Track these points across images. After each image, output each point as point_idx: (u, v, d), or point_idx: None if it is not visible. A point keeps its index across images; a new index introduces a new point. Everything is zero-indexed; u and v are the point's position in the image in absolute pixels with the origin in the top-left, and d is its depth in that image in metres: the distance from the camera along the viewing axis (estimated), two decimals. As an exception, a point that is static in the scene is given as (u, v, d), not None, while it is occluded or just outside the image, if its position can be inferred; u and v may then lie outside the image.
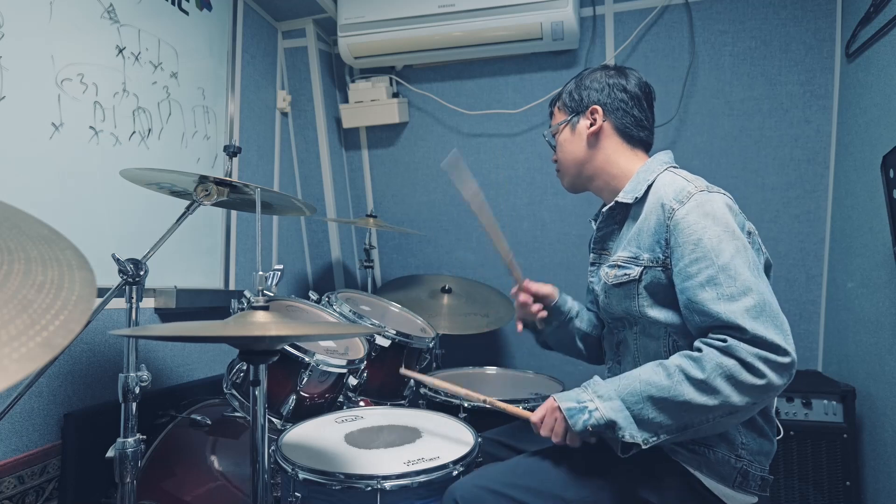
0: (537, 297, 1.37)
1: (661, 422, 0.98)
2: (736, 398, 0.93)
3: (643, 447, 0.99)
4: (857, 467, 1.78)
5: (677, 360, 0.99)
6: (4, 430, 1.34)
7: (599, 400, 1.02)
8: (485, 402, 1.22)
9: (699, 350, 0.98)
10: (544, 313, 1.37)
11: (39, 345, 0.41)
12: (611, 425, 1.00)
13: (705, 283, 1.00)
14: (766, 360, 0.93)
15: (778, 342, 0.93)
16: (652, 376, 1.00)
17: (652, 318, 1.11)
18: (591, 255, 1.33)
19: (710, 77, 2.29)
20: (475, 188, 1.29)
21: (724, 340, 0.95)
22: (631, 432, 0.99)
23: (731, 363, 0.94)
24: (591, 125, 1.23)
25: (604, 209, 1.25)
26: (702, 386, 0.95)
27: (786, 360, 0.93)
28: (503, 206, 2.60)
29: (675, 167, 1.19)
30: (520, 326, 1.41)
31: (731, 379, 0.93)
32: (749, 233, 1.08)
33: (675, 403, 0.97)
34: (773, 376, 0.93)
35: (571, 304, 1.42)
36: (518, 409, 1.17)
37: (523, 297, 1.36)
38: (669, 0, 2.29)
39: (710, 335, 0.99)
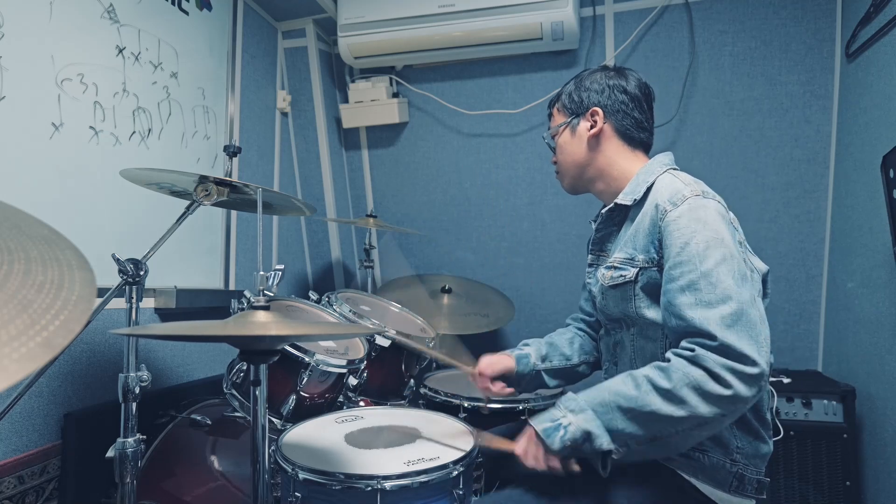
0: (498, 377, 1.37)
1: (631, 432, 0.97)
2: (703, 409, 0.92)
3: (615, 457, 0.98)
4: (857, 467, 1.78)
5: (647, 370, 0.99)
6: (4, 430, 1.34)
7: (572, 414, 1.01)
8: (479, 441, 1.20)
9: (668, 360, 0.98)
10: (509, 389, 1.36)
11: (39, 345, 0.41)
12: (587, 435, 0.98)
13: (685, 288, 0.99)
14: (732, 371, 0.91)
15: (747, 352, 0.91)
16: (621, 387, 0.99)
17: (649, 319, 1.10)
18: (590, 256, 1.32)
19: (710, 77, 2.29)
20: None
21: (692, 350, 0.95)
22: (605, 441, 0.98)
23: (697, 373, 0.93)
24: (592, 127, 1.23)
25: (603, 210, 1.25)
26: (668, 396, 0.94)
27: (754, 370, 0.91)
28: (503, 206, 2.60)
29: (675, 169, 1.18)
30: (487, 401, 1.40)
31: (698, 389, 0.92)
32: (739, 242, 1.06)
33: (643, 413, 0.96)
34: (740, 387, 0.91)
35: (535, 356, 1.39)
36: (505, 443, 1.13)
37: (482, 382, 1.35)
38: (669, 0, 2.29)
39: (682, 343, 0.98)
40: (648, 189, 1.14)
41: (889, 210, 1.56)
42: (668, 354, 0.99)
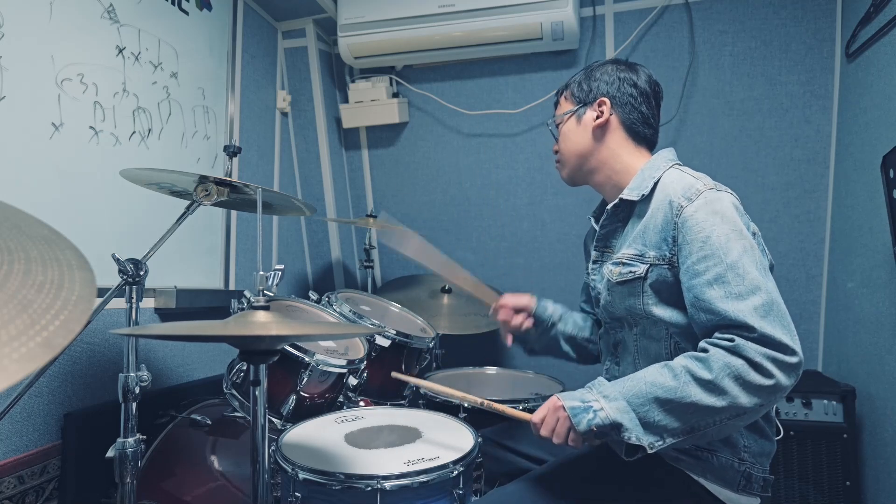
0: (517, 310, 1.38)
1: (668, 424, 0.96)
2: (744, 399, 0.92)
3: (648, 451, 0.97)
4: (857, 467, 1.78)
5: (683, 360, 0.98)
6: (4, 430, 1.34)
7: (605, 400, 0.99)
8: (481, 404, 1.19)
9: (705, 350, 0.97)
10: (530, 322, 1.36)
11: (39, 345, 0.41)
12: (616, 426, 0.97)
13: (713, 281, 0.98)
14: (774, 360, 0.91)
15: (786, 342, 0.92)
16: (658, 377, 0.98)
17: (656, 316, 1.10)
18: (594, 252, 1.30)
19: (710, 77, 2.29)
20: (415, 241, 1.29)
21: (732, 340, 0.94)
22: (637, 434, 0.96)
23: (738, 363, 0.92)
24: (598, 117, 1.22)
25: (608, 206, 1.23)
26: (709, 387, 0.93)
27: (794, 359, 0.92)
28: (503, 206, 2.60)
29: (679, 164, 1.18)
30: (509, 340, 1.40)
31: (739, 379, 0.92)
32: (754, 233, 1.07)
33: (682, 405, 0.94)
34: (781, 376, 0.91)
35: (553, 310, 1.41)
36: (516, 411, 1.14)
37: (504, 313, 1.36)
38: (669, 0, 2.29)
39: (717, 335, 0.97)
40: (655, 184, 1.13)
41: (889, 210, 1.56)
42: (704, 345, 0.98)
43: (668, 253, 1.07)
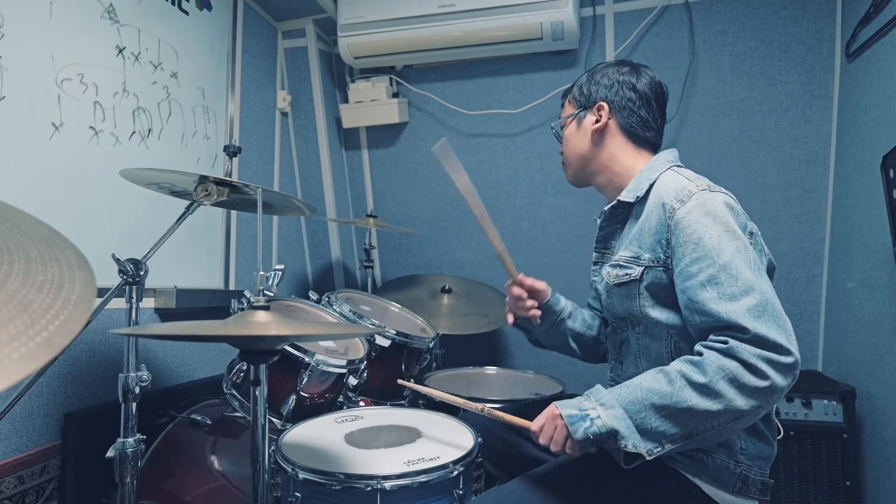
0: (531, 293, 1.36)
1: (665, 430, 0.95)
2: (740, 401, 0.91)
3: (647, 458, 0.96)
4: (857, 467, 1.78)
5: (678, 365, 0.97)
6: (4, 430, 1.34)
7: (602, 408, 0.99)
8: (481, 411, 1.18)
9: (700, 354, 0.96)
10: (537, 311, 1.35)
11: (39, 345, 0.41)
12: (612, 434, 0.97)
13: (706, 283, 0.98)
14: (768, 361, 0.90)
15: (780, 342, 0.91)
16: (653, 383, 0.97)
17: (653, 318, 1.10)
18: (595, 253, 1.32)
19: (710, 77, 2.29)
20: (466, 178, 1.27)
21: (725, 342, 0.93)
22: (634, 442, 0.96)
23: (733, 365, 0.91)
24: (596, 122, 1.23)
25: (606, 208, 1.24)
26: (704, 390, 0.92)
27: (789, 359, 0.91)
28: (503, 206, 2.60)
29: (678, 166, 1.18)
30: (510, 318, 1.38)
31: (734, 382, 0.91)
32: (751, 233, 1.06)
33: (679, 410, 0.94)
34: (776, 377, 0.90)
35: (564, 304, 1.41)
36: (516, 419, 1.13)
37: (517, 290, 1.34)
38: (669, 0, 2.29)
39: (711, 337, 0.97)
40: (651, 186, 1.14)
41: (889, 210, 1.56)
42: (699, 348, 0.97)
43: (663, 255, 1.07)
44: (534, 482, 1.11)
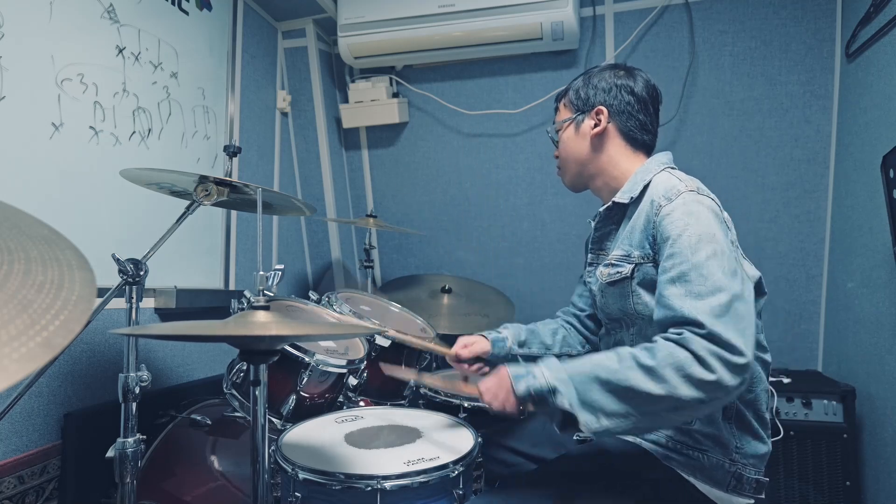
0: (472, 360, 1.39)
1: (604, 405, 0.95)
2: (683, 390, 0.90)
3: (583, 431, 0.97)
4: (857, 467, 1.78)
5: (631, 348, 0.99)
6: (4, 430, 1.34)
7: (548, 371, 1.02)
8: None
9: (654, 342, 0.97)
10: (486, 369, 1.38)
11: (39, 345, 0.41)
12: (552, 391, 0.99)
13: (676, 279, 0.98)
14: (718, 357, 0.90)
15: (734, 342, 0.90)
16: (603, 360, 0.99)
17: (647, 316, 1.10)
18: (589, 255, 1.32)
19: (710, 77, 2.29)
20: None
21: (680, 333, 0.94)
22: (571, 402, 0.97)
23: (683, 354, 0.92)
24: (596, 126, 1.23)
25: (601, 209, 1.25)
26: (650, 373, 0.93)
27: (740, 360, 0.90)
28: (503, 206, 2.60)
29: (672, 168, 1.19)
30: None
31: (681, 370, 0.91)
32: (732, 242, 1.06)
33: (621, 388, 0.95)
34: (724, 373, 0.90)
35: (511, 344, 1.41)
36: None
37: (461, 369, 1.40)
38: (669, 0, 2.29)
39: (670, 330, 0.97)
40: (645, 187, 1.15)
41: (889, 210, 1.56)
42: (655, 338, 0.98)
43: (651, 251, 1.08)
44: (527, 482, 1.12)
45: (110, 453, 1.14)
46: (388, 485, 1.04)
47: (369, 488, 1.04)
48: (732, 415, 1.08)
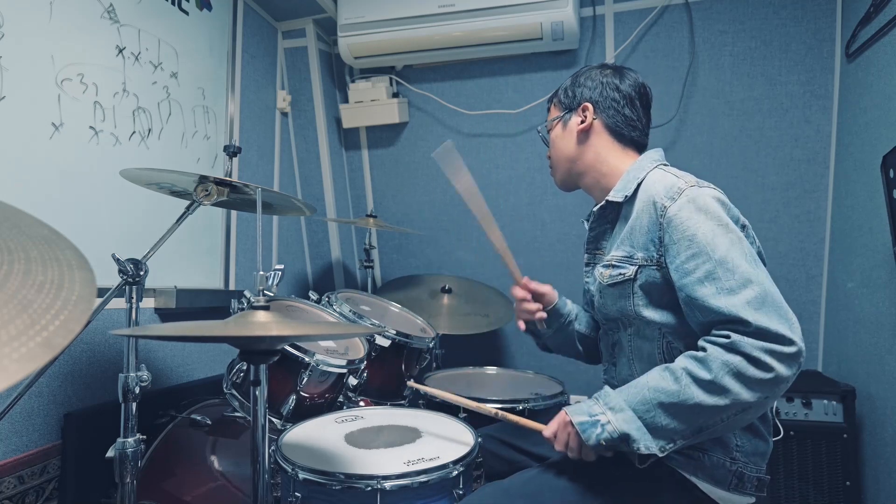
0: (535, 296, 1.37)
1: (675, 427, 0.96)
2: (746, 395, 0.92)
3: (660, 455, 0.98)
4: (857, 467, 1.78)
5: (683, 362, 0.98)
6: (4, 430, 1.34)
7: (611, 412, 1.00)
8: (496, 415, 1.20)
9: (703, 349, 0.97)
10: (543, 314, 1.35)
11: (39, 345, 0.41)
12: (624, 438, 0.98)
13: (704, 279, 0.98)
14: (771, 353, 0.91)
15: (782, 332, 0.91)
16: (660, 382, 0.98)
17: (647, 318, 1.10)
18: (586, 255, 1.32)
19: (710, 77, 2.29)
20: (468, 180, 1.27)
21: (728, 336, 0.94)
22: (646, 443, 0.97)
23: (736, 360, 0.92)
24: (582, 122, 1.24)
25: (594, 208, 1.25)
26: (710, 387, 0.93)
27: (792, 349, 0.91)
28: (503, 206, 2.60)
29: (664, 164, 1.19)
30: (521, 325, 1.39)
31: (739, 376, 0.91)
32: (743, 226, 1.07)
33: (686, 407, 0.95)
34: (780, 368, 0.90)
35: (571, 307, 1.42)
36: (531, 423, 1.16)
37: (520, 292, 1.35)
38: (669, 0, 2.29)
39: (714, 332, 0.97)
40: (639, 185, 1.14)
41: (889, 210, 1.56)
42: (702, 343, 0.98)
43: (656, 254, 1.08)
44: (527, 480, 1.12)
45: (110, 453, 1.14)
46: (388, 485, 1.04)
47: (369, 488, 1.04)
48: None
